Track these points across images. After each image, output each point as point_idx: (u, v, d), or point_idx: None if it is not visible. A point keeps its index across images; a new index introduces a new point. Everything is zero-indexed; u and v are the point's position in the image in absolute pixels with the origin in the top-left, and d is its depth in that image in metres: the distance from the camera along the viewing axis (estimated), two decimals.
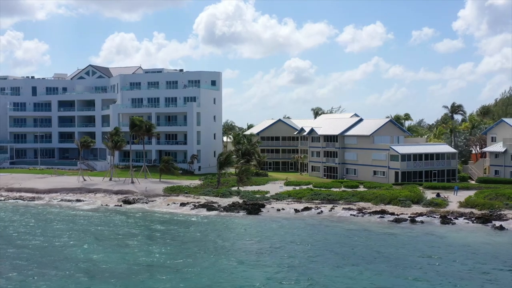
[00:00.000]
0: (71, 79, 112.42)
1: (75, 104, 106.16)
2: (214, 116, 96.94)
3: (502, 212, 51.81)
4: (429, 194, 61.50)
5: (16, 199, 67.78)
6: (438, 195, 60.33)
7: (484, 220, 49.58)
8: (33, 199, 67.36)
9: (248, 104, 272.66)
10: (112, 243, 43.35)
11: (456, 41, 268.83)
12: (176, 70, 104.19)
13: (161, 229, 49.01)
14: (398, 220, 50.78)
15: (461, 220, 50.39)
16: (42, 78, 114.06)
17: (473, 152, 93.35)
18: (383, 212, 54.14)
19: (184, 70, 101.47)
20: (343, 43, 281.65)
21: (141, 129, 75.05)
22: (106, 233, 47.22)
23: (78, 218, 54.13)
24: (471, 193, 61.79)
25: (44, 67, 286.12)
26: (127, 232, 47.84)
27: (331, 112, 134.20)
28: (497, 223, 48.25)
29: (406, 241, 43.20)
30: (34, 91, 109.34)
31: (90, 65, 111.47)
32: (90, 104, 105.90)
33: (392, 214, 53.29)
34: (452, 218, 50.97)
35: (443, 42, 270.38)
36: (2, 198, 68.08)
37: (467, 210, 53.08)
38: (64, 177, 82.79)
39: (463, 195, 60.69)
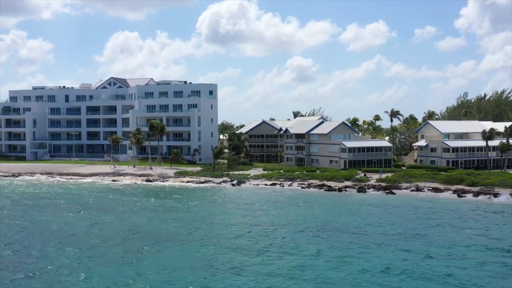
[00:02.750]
0: (96, 88, 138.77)
1: (100, 109, 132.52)
2: (211, 119, 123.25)
3: (400, 185, 78.32)
4: (363, 175, 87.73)
5: (68, 180, 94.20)
6: (365, 174, 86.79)
7: (385, 189, 76.03)
8: (80, 179, 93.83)
9: (250, 103, 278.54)
10: (152, 198, 69.71)
11: (459, 39, 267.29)
12: (181, 82, 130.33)
13: (176, 193, 75.34)
14: (330, 190, 77.26)
15: (371, 190, 76.69)
16: (71, 88, 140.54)
17: (414, 146, 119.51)
18: (323, 185, 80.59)
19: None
20: (345, 42, 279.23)
21: (157, 130, 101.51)
22: (145, 196, 73.55)
23: (122, 190, 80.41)
24: (391, 174, 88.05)
25: (48, 66, 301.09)
26: (156, 195, 74.06)
27: (313, 114, 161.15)
28: (393, 191, 74.62)
29: (331, 199, 69.44)
30: (66, 98, 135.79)
31: (111, 77, 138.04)
32: (112, 109, 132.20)
33: (329, 186, 79.67)
34: (366, 188, 77.36)
35: (445, 40, 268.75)
36: (58, 179, 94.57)
37: (377, 183, 79.58)
38: (97, 166, 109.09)
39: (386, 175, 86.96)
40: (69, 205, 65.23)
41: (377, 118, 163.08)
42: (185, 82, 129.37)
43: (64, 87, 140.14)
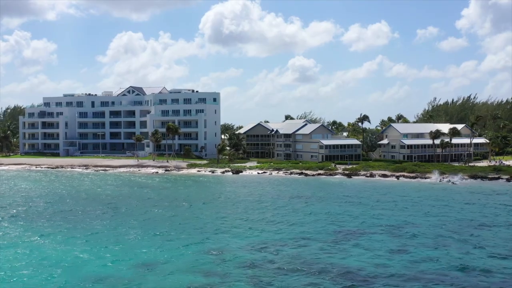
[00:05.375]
0: (117, 95, 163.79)
1: (121, 113, 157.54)
2: (215, 122, 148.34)
3: (359, 172, 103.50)
4: (333, 166, 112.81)
5: (104, 170, 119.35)
6: (335, 165, 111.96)
7: (347, 175, 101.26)
8: (113, 169, 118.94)
9: (251, 102, 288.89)
10: (171, 181, 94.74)
11: (461, 39, 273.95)
12: (189, 90, 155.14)
13: (189, 179, 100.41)
14: (306, 176, 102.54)
15: (338, 175, 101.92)
16: (95, 95, 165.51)
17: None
18: (301, 173, 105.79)
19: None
20: (348, 42, 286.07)
21: (173, 131, 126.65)
22: (163, 181, 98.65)
23: (148, 176, 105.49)
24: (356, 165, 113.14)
25: (51, 66, 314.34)
26: (175, 179, 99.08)
27: (305, 117, 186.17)
28: (351, 176, 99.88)
29: (307, 182, 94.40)
30: (92, 104, 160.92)
31: (130, 86, 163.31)
32: (131, 113, 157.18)
33: (306, 174, 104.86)
34: (333, 174, 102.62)
35: (447, 40, 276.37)
36: (95, 170, 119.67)
37: (342, 172, 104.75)
38: (122, 160, 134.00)
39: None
40: (139, 181, 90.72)
41: (359, 120, 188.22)
42: (193, 90, 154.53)
43: (89, 94, 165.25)
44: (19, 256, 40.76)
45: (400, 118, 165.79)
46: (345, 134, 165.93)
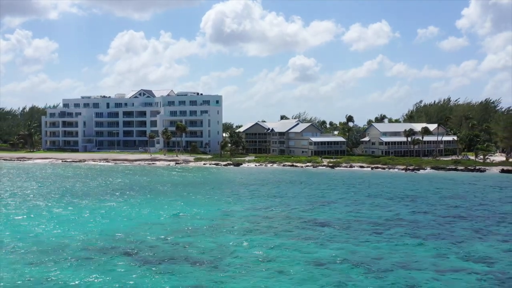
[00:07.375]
0: (129, 98, 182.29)
1: (133, 114, 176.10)
2: (218, 121, 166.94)
3: (340, 164, 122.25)
4: (320, 159, 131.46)
5: (123, 163, 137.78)
6: (321, 159, 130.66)
7: (331, 167, 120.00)
8: (130, 163, 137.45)
9: (251, 101, 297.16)
10: (179, 172, 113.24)
11: (461, 39, 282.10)
12: (194, 93, 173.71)
13: (199, 170, 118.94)
14: (296, 167, 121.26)
15: (323, 167, 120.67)
16: (108, 97, 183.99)
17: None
18: (292, 165, 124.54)
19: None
20: (348, 41, 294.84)
21: (181, 129, 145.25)
22: (178, 171, 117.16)
23: (161, 168, 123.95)
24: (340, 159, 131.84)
25: (52, 65, 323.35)
26: (188, 170, 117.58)
27: (299, 117, 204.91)
28: (334, 167, 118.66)
29: (296, 171, 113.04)
30: (107, 105, 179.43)
31: (141, 89, 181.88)
32: (142, 113, 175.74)
33: (296, 165, 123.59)
34: (319, 166, 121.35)
35: (448, 40, 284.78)
36: (115, 163, 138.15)
37: (327, 163, 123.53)
38: (136, 154, 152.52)
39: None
40: (163, 170, 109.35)
41: (349, 119, 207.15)
42: (198, 93, 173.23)
43: (104, 96, 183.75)
44: (127, 212, 60.04)
45: (384, 118, 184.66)
46: (336, 132, 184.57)
